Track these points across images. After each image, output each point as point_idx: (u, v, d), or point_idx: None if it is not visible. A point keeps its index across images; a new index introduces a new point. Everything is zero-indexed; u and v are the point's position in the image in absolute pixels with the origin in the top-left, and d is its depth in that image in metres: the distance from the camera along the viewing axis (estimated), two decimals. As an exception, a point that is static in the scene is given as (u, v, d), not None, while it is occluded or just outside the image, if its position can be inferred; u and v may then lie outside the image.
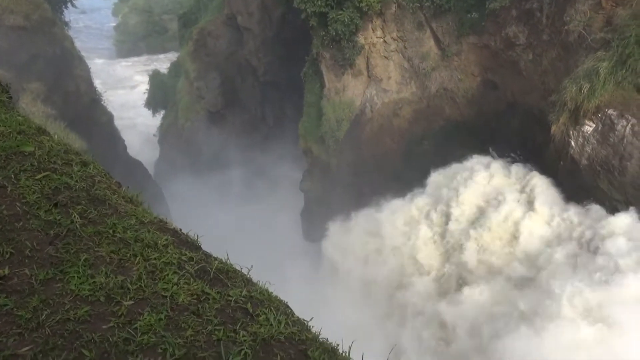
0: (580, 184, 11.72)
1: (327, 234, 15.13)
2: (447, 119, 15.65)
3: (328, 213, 17.08)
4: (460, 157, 13.66)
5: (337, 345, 2.57)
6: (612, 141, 11.33)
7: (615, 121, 11.31)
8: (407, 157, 15.68)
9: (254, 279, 3.32)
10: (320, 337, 2.66)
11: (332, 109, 17.82)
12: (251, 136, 23.63)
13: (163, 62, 42.17)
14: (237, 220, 16.37)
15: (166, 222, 3.68)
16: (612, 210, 11.18)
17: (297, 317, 2.85)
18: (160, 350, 2.29)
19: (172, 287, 2.73)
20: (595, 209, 11.05)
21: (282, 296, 3.20)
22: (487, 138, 14.26)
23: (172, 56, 37.40)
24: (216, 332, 2.44)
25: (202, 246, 3.53)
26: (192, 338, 2.39)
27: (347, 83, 17.33)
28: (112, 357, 2.23)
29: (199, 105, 26.05)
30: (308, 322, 2.85)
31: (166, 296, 2.66)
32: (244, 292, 2.86)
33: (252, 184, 19.63)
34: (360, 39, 16.29)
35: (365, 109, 17.08)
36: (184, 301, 2.65)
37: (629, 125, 11.18)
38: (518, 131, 13.75)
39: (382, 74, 16.60)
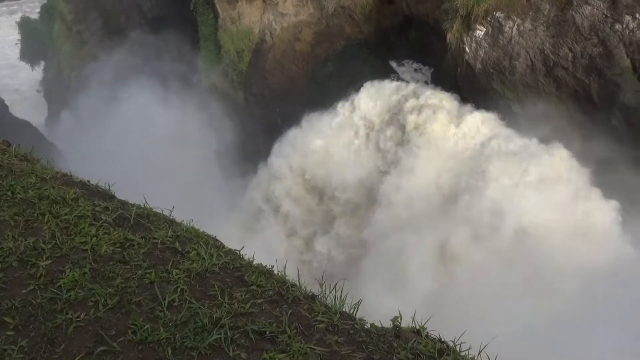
0: (477, 88, 12.40)
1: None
2: (348, 38, 15.59)
3: (242, 148, 16.87)
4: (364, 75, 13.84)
5: (272, 266, 2.63)
6: (501, 43, 11.97)
7: (503, 23, 11.89)
8: (313, 81, 15.61)
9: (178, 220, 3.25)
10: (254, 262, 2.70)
11: (230, 40, 17.06)
12: (148, 78, 22.19)
13: (29, 6, 37.46)
14: (149, 165, 15.73)
15: (71, 176, 3.44)
16: (507, 109, 12.08)
17: (229, 248, 2.86)
18: (91, 303, 2.22)
19: (91, 239, 2.61)
20: None
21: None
22: (388, 53, 14.49)
23: (41, -1, 33.25)
24: (148, 276, 2.40)
25: (116, 195, 3.37)
26: (123, 285, 2.33)
27: (242, 10, 16.55)
28: (39, 319, 2.12)
29: (83, 52, 23.81)
30: (240, 251, 2.87)
31: (86, 249, 2.54)
32: (170, 233, 2.81)
33: (157, 128, 18.73)
34: (248, -40, 15.46)
35: (265, 36, 16.54)
36: (106, 251, 2.55)
37: (515, 25, 11.82)
38: (416, 43, 14.07)
39: (277, -3, 16.00)
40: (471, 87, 12.56)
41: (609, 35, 10.83)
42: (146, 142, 17.30)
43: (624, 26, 10.72)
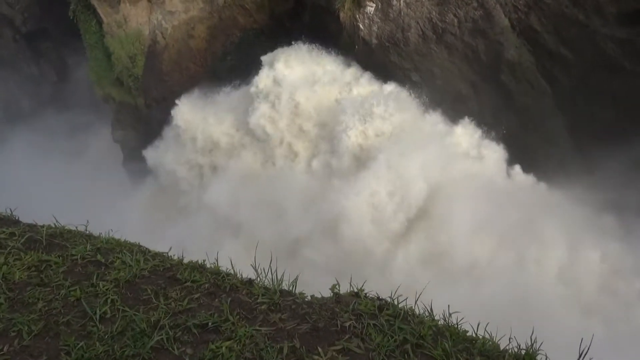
0: (376, 62, 12.80)
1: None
2: (243, 29, 15.39)
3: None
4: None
5: (204, 260, 2.59)
6: (392, 16, 12.40)
7: (389, -3, 12.32)
8: (215, 78, 15.27)
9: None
10: (185, 260, 2.64)
11: (119, 45, 16.19)
12: (35, 98, 20.58)
13: None
14: (57, 189, 14.70)
15: (-35, 207, 3.14)
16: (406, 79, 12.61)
17: (156, 251, 2.77)
18: (13, 334, 2.06)
19: (1, 268, 2.42)
20: None
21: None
22: (285, 38, 14.49)
23: None
24: (72, 293, 2.27)
25: (21, 219, 3.13)
26: (46, 308, 2.19)
27: (127, 13, 15.74)
28: (-45, 361, 1.94)
29: (-47, 78, 21.51)
30: (167, 252, 2.79)
31: (-3, 279, 2.35)
32: (89, 247, 2.67)
33: (56, 150, 17.48)
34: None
35: (156, 37, 15.88)
36: (21, 277, 2.38)
37: (402, -2, 12.29)
38: (311, 25, 14.19)
39: (162, -5, 15.40)
40: (370, 62, 12.93)
41: (486, -2, 11.58)
42: (49, 166, 16.18)
43: (498, -12, 11.50)
